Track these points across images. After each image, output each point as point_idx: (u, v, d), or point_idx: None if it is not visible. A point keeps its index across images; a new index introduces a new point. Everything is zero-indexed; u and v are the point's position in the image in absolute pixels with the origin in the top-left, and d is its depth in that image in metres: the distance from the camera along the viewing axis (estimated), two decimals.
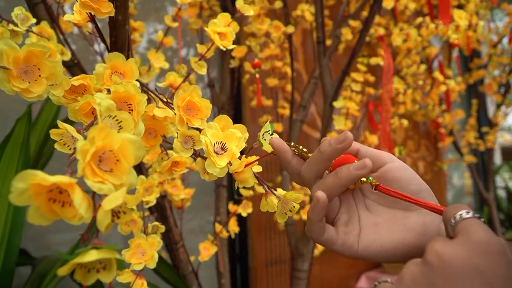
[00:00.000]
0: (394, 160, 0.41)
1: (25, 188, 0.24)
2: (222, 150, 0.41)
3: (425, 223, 0.38)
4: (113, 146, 0.26)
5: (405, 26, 1.50)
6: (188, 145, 0.43)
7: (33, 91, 0.34)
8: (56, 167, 1.18)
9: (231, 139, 0.41)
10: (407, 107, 1.63)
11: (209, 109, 0.42)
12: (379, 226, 0.40)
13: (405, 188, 0.39)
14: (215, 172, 0.40)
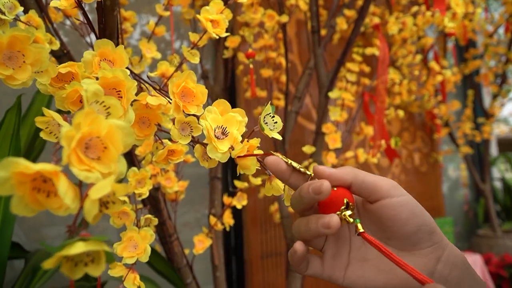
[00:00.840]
0: (392, 194, 0.36)
1: (7, 176, 0.23)
2: (223, 135, 0.39)
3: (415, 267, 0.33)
4: (101, 132, 0.25)
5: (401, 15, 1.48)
6: (186, 131, 0.42)
7: (17, 78, 0.33)
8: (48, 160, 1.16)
9: (232, 123, 0.39)
10: (403, 98, 1.62)
11: (205, 95, 0.41)
12: (368, 263, 0.38)
13: (399, 229, 0.36)
14: (217, 157, 0.39)
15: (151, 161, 0.74)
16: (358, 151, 1.28)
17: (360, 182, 0.37)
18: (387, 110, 1.53)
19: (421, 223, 0.36)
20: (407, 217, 0.36)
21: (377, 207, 0.37)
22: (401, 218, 0.36)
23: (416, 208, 0.37)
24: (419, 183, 2.84)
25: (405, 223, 0.36)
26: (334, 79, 1.11)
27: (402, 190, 0.37)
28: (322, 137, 1.13)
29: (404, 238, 0.37)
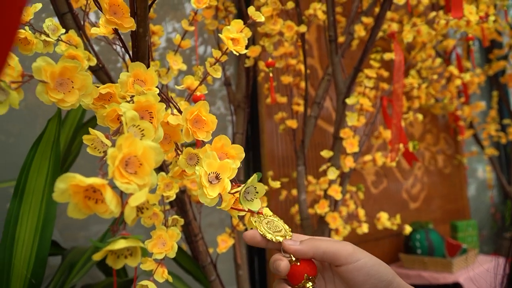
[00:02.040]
0: (349, 261, 0.43)
1: (65, 188, 0.29)
2: (216, 179, 0.42)
3: None
4: (137, 152, 0.31)
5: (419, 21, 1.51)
6: (193, 161, 0.47)
7: (67, 101, 0.39)
8: (82, 163, 1.25)
9: (225, 169, 0.43)
10: (422, 102, 1.65)
11: (214, 123, 0.46)
12: None
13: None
14: (206, 202, 0.42)
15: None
16: (376, 155, 1.32)
17: (321, 253, 0.44)
18: (406, 114, 1.56)
19: (377, 282, 0.43)
20: (364, 279, 0.43)
21: (339, 271, 0.44)
22: (359, 280, 0.43)
23: (371, 269, 0.43)
24: (443, 185, 2.84)
25: (362, 284, 0.43)
26: (351, 86, 1.16)
27: (359, 255, 0.44)
28: (340, 142, 1.18)
29: None
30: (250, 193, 0.45)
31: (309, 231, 1.26)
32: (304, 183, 1.30)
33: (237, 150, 0.46)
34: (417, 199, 2.60)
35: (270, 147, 1.72)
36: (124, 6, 0.46)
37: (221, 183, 0.42)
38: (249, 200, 0.45)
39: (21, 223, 0.89)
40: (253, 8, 0.68)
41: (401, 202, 2.48)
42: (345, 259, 0.43)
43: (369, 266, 0.43)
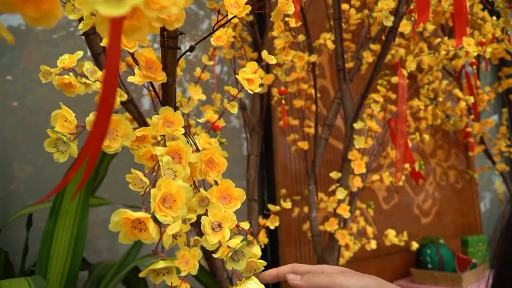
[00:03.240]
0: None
1: (118, 220, 0.38)
2: (218, 227, 0.49)
3: None
4: (172, 191, 0.40)
5: (425, 46, 1.59)
6: (204, 203, 0.55)
7: (112, 147, 0.48)
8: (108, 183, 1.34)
9: (227, 220, 0.49)
10: (428, 122, 1.71)
11: (225, 165, 0.53)
12: None
13: None
14: (207, 247, 0.48)
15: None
16: (384, 175, 1.39)
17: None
18: (413, 134, 1.63)
19: None
20: None
21: None
22: None
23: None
24: (454, 200, 2.88)
25: None
26: (358, 111, 1.23)
27: (348, 280, 0.51)
28: (349, 163, 1.25)
29: None
30: (238, 254, 0.50)
31: (319, 247, 1.33)
32: (315, 201, 1.37)
33: (239, 193, 0.53)
34: (428, 214, 2.65)
35: (283, 166, 1.80)
36: (157, 62, 0.55)
37: (222, 232, 0.48)
38: (236, 260, 0.50)
39: (56, 241, 0.98)
40: (265, 51, 0.77)
41: (412, 217, 2.53)
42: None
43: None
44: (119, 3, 0.21)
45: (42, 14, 0.25)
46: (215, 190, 0.53)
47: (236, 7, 0.54)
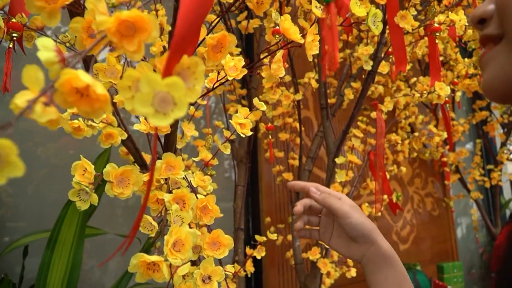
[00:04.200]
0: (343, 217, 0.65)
1: (136, 263, 0.44)
2: (208, 279, 0.55)
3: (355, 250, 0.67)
4: (182, 236, 0.46)
5: (402, 85, 1.69)
6: (197, 250, 0.60)
7: (125, 193, 0.54)
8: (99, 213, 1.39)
9: (216, 274, 0.55)
10: (405, 155, 1.81)
11: (218, 211, 0.60)
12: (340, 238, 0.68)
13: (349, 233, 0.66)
14: None
15: None
16: (363, 206, 1.47)
17: (328, 207, 0.67)
18: (391, 166, 1.72)
19: (361, 234, 0.64)
20: (351, 230, 0.65)
21: (337, 222, 0.67)
22: (348, 230, 0.65)
23: (356, 226, 0.64)
24: (431, 227, 2.97)
25: (350, 232, 0.65)
26: (340, 146, 1.32)
27: (352, 213, 0.65)
28: None
29: (352, 237, 0.65)
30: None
31: (302, 275, 1.39)
32: None
33: (228, 240, 0.59)
34: (406, 240, 2.73)
35: (267, 194, 1.87)
36: None
37: (211, 284, 0.54)
38: None
39: (52, 269, 1.02)
40: (257, 99, 0.85)
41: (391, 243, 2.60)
42: (341, 216, 0.64)
43: (355, 223, 0.64)
44: (166, 117, 0.28)
45: (93, 110, 0.32)
46: (207, 237, 0.60)
47: (234, 70, 0.62)
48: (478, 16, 0.43)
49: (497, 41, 0.41)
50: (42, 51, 0.31)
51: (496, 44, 0.41)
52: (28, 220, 1.32)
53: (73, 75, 0.30)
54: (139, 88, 0.28)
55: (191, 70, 0.33)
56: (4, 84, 0.69)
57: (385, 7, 1.26)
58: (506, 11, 0.39)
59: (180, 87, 0.28)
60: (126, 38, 0.34)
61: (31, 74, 0.30)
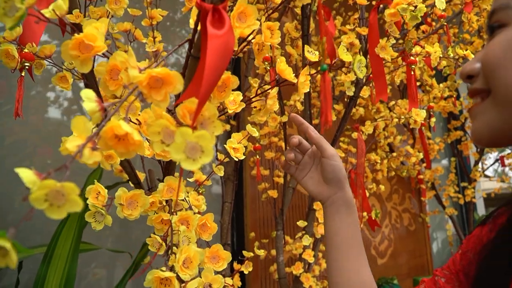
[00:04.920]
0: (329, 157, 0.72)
1: (152, 278, 0.50)
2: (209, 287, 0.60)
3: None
4: (190, 255, 0.53)
5: (381, 107, 1.79)
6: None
7: (133, 215, 0.60)
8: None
9: (216, 281, 0.59)
10: (384, 174, 1.90)
11: (216, 228, 0.66)
12: (312, 179, 0.76)
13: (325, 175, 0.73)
14: None
15: None
16: None
17: (318, 144, 0.73)
18: (371, 185, 1.81)
19: (336, 178, 0.71)
20: (331, 172, 0.71)
21: (322, 160, 0.73)
22: (327, 170, 0.71)
23: (337, 169, 0.71)
24: (408, 242, 3.08)
25: (329, 173, 0.71)
26: None
27: (337, 158, 0.72)
28: (314, 212, 1.40)
29: (327, 179, 0.72)
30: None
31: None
32: (282, 245, 1.50)
33: (226, 255, 0.65)
34: (384, 255, 2.82)
35: (252, 210, 1.93)
36: None
37: None
38: None
39: (47, 284, 1.06)
40: (250, 125, 0.91)
41: (369, 258, 2.69)
42: (328, 156, 0.71)
43: (336, 167, 0.71)
44: (195, 162, 0.34)
45: (128, 152, 0.39)
46: (207, 251, 0.66)
47: (233, 104, 0.69)
48: (466, 73, 0.50)
49: (484, 95, 0.48)
50: (86, 102, 0.38)
51: (484, 99, 0.48)
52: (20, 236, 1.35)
53: (116, 124, 0.36)
54: (174, 139, 0.35)
55: (211, 120, 0.39)
56: (16, 110, 0.74)
57: (366, 37, 1.35)
58: (490, 70, 0.47)
59: (207, 138, 0.35)
60: (154, 90, 0.41)
61: (79, 123, 0.36)
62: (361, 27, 1.42)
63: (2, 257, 0.29)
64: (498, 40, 0.46)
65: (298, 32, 1.40)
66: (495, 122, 0.46)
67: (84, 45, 0.45)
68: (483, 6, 1.97)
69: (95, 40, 0.45)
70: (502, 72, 0.45)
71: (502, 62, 0.45)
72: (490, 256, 0.51)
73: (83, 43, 0.45)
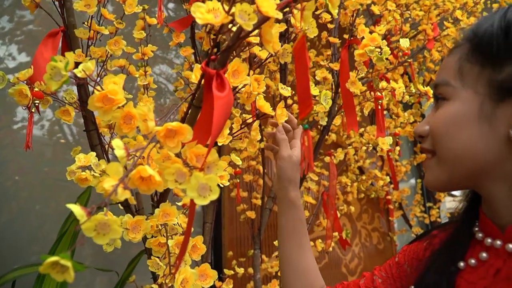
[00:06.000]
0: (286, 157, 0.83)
1: None
2: None
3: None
4: (187, 275, 0.62)
5: (352, 133, 1.92)
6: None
7: (137, 238, 0.69)
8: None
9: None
10: (354, 196, 2.03)
11: (204, 249, 0.75)
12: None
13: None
14: None
15: None
16: (317, 241, 1.65)
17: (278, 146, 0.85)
18: (342, 206, 1.93)
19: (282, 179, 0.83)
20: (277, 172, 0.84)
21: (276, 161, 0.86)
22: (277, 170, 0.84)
23: (281, 172, 0.83)
24: (377, 260, 3.21)
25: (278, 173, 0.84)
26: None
27: (286, 160, 0.82)
28: None
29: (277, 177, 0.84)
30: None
31: None
32: (259, 264, 1.59)
33: (213, 273, 0.74)
34: (354, 273, 2.94)
35: (230, 230, 2.01)
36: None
37: None
38: None
39: None
40: (234, 155, 1.01)
41: (340, 276, 2.81)
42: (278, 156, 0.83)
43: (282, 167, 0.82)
44: (205, 199, 0.44)
45: (149, 189, 0.48)
46: (197, 270, 0.75)
47: (221, 137, 0.79)
48: (417, 134, 0.62)
49: (433, 153, 0.59)
50: (117, 149, 0.47)
51: (433, 155, 0.59)
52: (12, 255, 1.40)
53: (142, 169, 0.46)
54: (190, 181, 0.44)
55: (215, 163, 0.49)
56: (26, 143, 0.82)
57: (338, 72, 1.48)
58: (436, 139, 0.58)
59: (214, 180, 0.45)
60: (169, 138, 0.50)
61: (114, 168, 0.45)
62: (333, 62, 1.55)
63: (61, 273, 0.37)
64: (442, 113, 0.57)
65: (276, 66, 1.52)
66: (441, 176, 0.58)
67: (107, 98, 0.54)
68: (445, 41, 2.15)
69: (116, 94, 0.54)
70: (445, 141, 0.56)
71: (445, 134, 0.56)
72: (426, 274, 0.62)
73: (106, 96, 0.54)
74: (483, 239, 0.58)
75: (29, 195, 1.52)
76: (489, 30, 0.54)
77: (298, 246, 0.81)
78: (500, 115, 0.52)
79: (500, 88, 0.52)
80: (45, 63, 0.91)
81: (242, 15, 0.47)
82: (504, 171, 0.54)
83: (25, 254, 1.43)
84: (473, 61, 0.55)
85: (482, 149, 0.54)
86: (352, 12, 1.50)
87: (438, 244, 0.65)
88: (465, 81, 0.56)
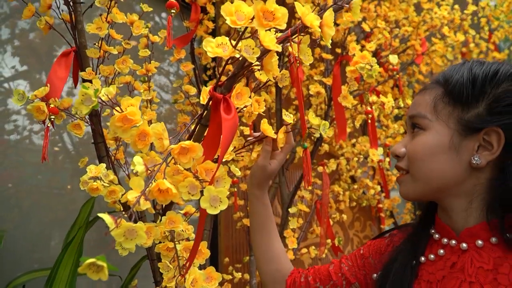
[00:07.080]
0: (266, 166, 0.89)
1: None
2: None
3: None
4: (196, 276, 0.69)
5: (344, 144, 2.00)
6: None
7: (147, 243, 0.76)
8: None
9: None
10: (346, 205, 2.11)
11: (208, 254, 0.81)
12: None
13: None
14: None
15: None
16: (310, 248, 1.72)
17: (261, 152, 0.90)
18: (334, 214, 2.00)
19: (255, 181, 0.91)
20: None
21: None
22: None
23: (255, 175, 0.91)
24: None
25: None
26: (292, 198, 1.58)
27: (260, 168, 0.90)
28: (284, 239, 1.57)
29: None
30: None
31: None
32: (255, 270, 1.66)
33: (217, 275, 0.81)
34: None
35: (226, 237, 2.08)
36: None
37: None
38: None
39: None
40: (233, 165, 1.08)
41: None
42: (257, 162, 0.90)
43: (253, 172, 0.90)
44: (216, 209, 0.51)
45: (165, 200, 0.55)
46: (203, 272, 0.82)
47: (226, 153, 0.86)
48: (395, 154, 0.73)
49: (407, 172, 0.71)
50: (137, 165, 0.54)
51: (406, 172, 0.71)
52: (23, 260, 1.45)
53: (161, 182, 0.53)
54: (204, 193, 0.52)
55: (223, 178, 0.56)
56: (43, 155, 0.88)
57: (330, 87, 1.56)
58: (412, 159, 0.69)
59: (224, 192, 0.52)
60: (182, 155, 0.57)
61: (136, 181, 0.52)
62: (326, 77, 1.63)
63: (97, 272, 0.44)
64: (420, 142, 0.68)
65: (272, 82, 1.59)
66: (415, 191, 0.70)
67: (126, 119, 0.61)
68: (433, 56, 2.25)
69: (135, 115, 0.61)
70: (420, 165, 0.68)
71: (420, 159, 0.68)
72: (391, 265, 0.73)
73: (126, 117, 0.61)
74: (440, 239, 0.71)
75: (30, 204, 1.58)
76: (460, 81, 0.67)
77: (267, 237, 0.91)
78: (465, 146, 0.65)
79: (467, 125, 0.65)
80: (59, 81, 0.98)
81: (247, 49, 0.54)
82: (463, 189, 0.67)
83: (25, 262, 1.48)
84: (446, 101, 0.68)
85: (450, 172, 0.66)
86: (343, 30, 1.59)
87: (398, 241, 0.78)
88: (439, 116, 0.68)
